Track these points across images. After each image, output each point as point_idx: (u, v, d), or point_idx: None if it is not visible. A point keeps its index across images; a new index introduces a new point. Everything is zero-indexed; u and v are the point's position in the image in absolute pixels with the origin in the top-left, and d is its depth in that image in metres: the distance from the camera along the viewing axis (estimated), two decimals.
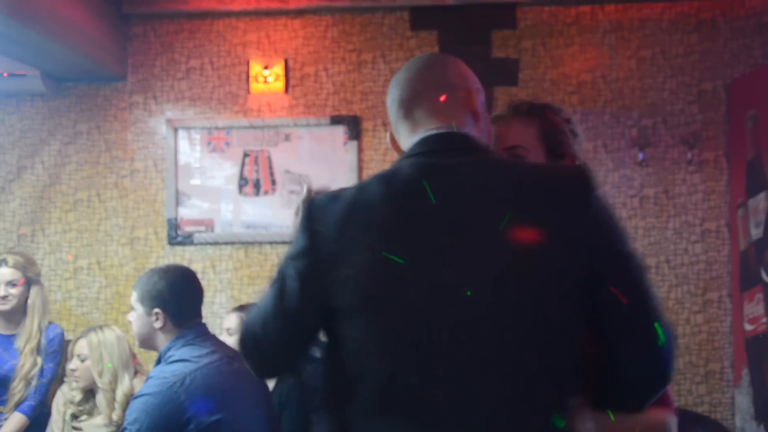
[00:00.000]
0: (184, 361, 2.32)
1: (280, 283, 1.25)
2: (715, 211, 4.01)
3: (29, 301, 3.33)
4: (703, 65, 4.03)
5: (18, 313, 3.32)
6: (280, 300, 1.24)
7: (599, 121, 4.07)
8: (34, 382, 3.30)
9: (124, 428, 2.33)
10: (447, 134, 1.31)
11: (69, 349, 3.21)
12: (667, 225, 4.04)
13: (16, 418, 3.26)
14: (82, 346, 3.14)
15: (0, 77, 4.03)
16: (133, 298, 2.49)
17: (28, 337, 3.28)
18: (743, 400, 3.89)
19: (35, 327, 3.30)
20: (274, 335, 1.26)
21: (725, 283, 4.00)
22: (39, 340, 3.30)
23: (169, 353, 2.39)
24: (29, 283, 3.35)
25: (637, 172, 4.05)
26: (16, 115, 4.22)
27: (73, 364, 3.16)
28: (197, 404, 2.22)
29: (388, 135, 1.43)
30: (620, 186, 4.05)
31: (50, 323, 3.40)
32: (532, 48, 4.11)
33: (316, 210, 1.26)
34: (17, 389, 3.29)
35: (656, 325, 1.18)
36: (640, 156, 4.03)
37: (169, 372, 2.29)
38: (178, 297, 2.44)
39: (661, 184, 4.03)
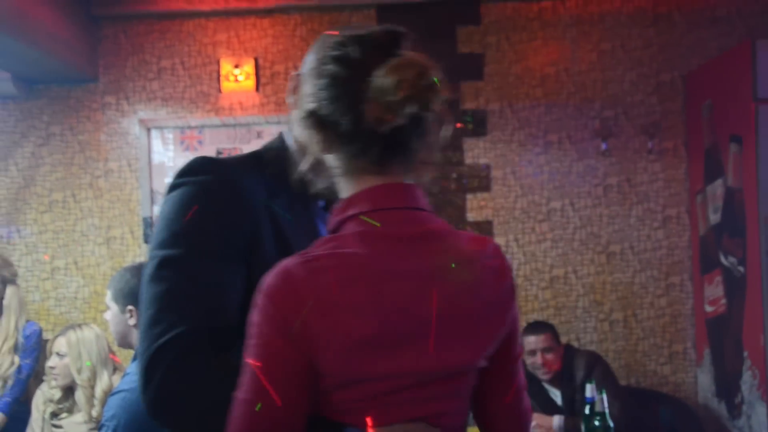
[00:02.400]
0: None
1: None
2: (676, 198, 4.15)
3: (5, 302, 3.38)
4: (661, 57, 4.16)
5: None
6: None
7: (563, 113, 4.18)
8: (10, 382, 3.34)
9: (102, 425, 2.39)
10: None
11: (48, 347, 3.26)
12: (630, 212, 4.17)
13: None
14: (61, 344, 3.19)
15: None
16: (108, 296, 2.56)
17: (5, 336, 3.33)
18: (705, 378, 4.03)
19: (12, 326, 3.35)
20: None
21: (686, 267, 4.14)
22: (16, 339, 3.35)
23: None
24: (4, 283, 3.39)
25: (600, 162, 4.17)
26: None
27: (52, 361, 3.21)
28: None
29: None
30: (585, 175, 4.17)
31: (27, 321, 3.44)
32: (497, 43, 4.21)
33: None
34: None
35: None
36: (603, 146, 4.15)
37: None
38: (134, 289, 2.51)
39: (624, 173, 4.16)
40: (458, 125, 4.17)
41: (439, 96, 1.06)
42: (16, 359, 3.35)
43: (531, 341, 3.49)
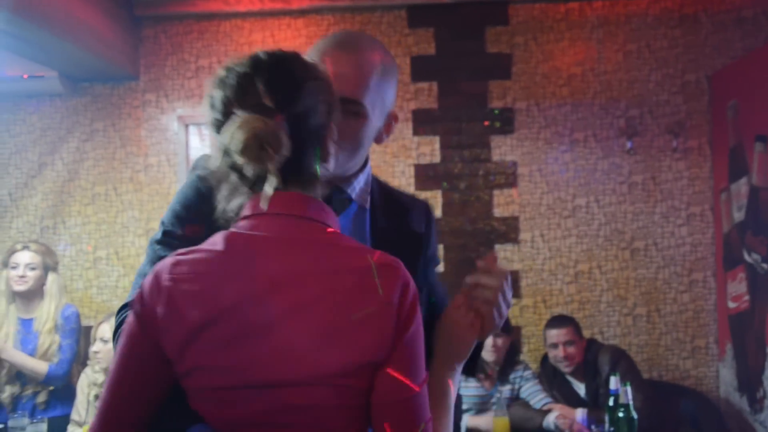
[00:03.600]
0: None
1: None
2: (700, 195, 4.22)
3: (46, 287, 3.58)
4: (687, 57, 4.23)
5: (36, 297, 3.56)
6: None
7: (589, 112, 4.27)
8: (55, 359, 3.53)
9: None
10: None
11: (92, 333, 3.45)
12: (654, 210, 4.24)
13: (40, 363, 3.48)
14: (104, 330, 3.37)
15: (20, 79, 4.25)
16: None
17: (46, 318, 3.53)
18: (727, 373, 4.10)
19: (52, 310, 3.55)
20: None
21: (710, 264, 4.21)
22: (56, 322, 3.55)
23: None
24: (47, 269, 3.59)
25: (625, 160, 4.25)
26: (36, 114, 4.44)
27: (96, 346, 3.39)
28: None
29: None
30: (609, 173, 4.25)
31: (65, 304, 3.64)
32: (524, 43, 4.31)
33: None
34: None
35: None
36: (628, 145, 4.23)
37: None
38: None
39: (649, 171, 4.24)
40: (485, 123, 4.28)
41: (280, 141, 1.08)
42: (57, 338, 3.54)
43: (553, 334, 3.59)
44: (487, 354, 3.54)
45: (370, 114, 1.35)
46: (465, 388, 3.55)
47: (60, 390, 3.56)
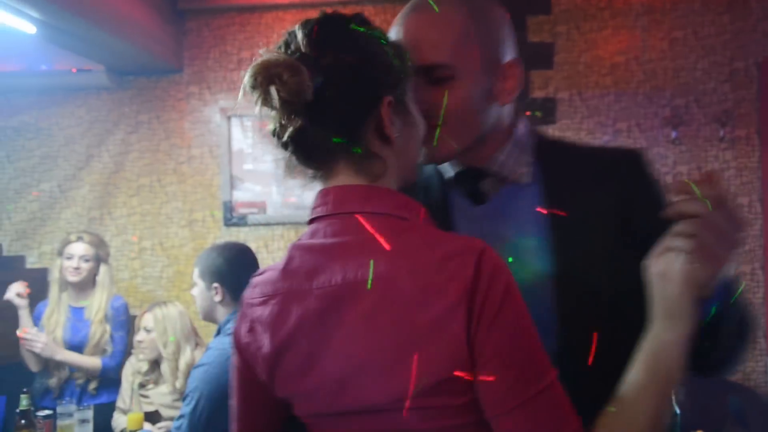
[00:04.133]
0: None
1: None
2: (748, 186, 4.12)
3: (98, 278, 3.66)
4: (735, 44, 4.11)
5: (88, 287, 3.64)
6: None
7: (633, 101, 4.19)
8: (108, 349, 3.61)
9: (186, 395, 2.58)
10: None
11: (136, 322, 3.51)
12: None
13: (93, 360, 3.58)
14: (148, 320, 3.43)
15: (69, 73, 4.35)
16: (195, 274, 2.75)
17: (97, 308, 3.61)
18: None
19: (104, 300, 3.63)
20: None
21: (758, 256, 4.11)
22: (106, 312, 3.63)
23: (228, 325, 2.62)
24: (99, 261, 3.67)
25: (670, 150, 4.17)
26: (83, 107, 4.53)
27: (140, 336, 3.45)
28: None
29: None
30: (654, 164, 4.15)
31: (114, 295, 3.72)
32: (567, 32, 4.25)
33: None
34: (89, 355, 3.62)
35: None
36: (673, 134, 4.14)
37: (227, 343, 2.51)
38: (235, 272, 2.68)
39: (694, 161, 4.15)
40: (527, 113, 4.24)
41: (297, 79, 0.95)
42: (108, 328, 3.62)
43: None
44: None
45: (462, 74, 1.13)
46: None
47: (106, 378, 3.64)
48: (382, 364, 0.94)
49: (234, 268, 2.69)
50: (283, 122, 0.98)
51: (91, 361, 3.56)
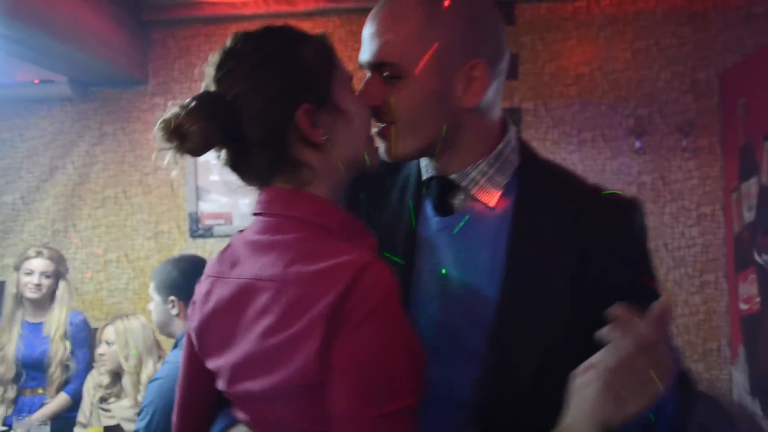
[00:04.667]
0: None
1: None
2: (710, 195, 4.15)
3: (58, 293, 3.62)
4: (697, 55, 4.16)
5: (45, 302, 3.60)
6: None
7: (597, 111, 4.22)
8: (72, 365, 3.57)
9: (141, 409, 2.57)
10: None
11: (98, 335, 3.48)
12: (664, 210, 4.18)
13: (61, 398, 3.55)
14: (109, 333, 3.40)
15: (31, 84, 4.32)
16: (151, 287, 2.73)
17: (57, 325, 3.57)
18: (740, 376, 4.03)
19: (63, 316, 3.59)
20: None
21: (721, 265, 4.14)
22: (65, 328, 3.59)
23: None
24: (59, 276, 3.63)
25: (634, 160, 4.19)
26: (47, 119, 4.50)
27: (101, 349, 3.43)
28: None
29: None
30: (618, 173, 4.20)
31: (72, 311, 3.68)
32: (531, 43, 4.27)
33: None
34: (56, 375, 3.58)
35: None
36: (637, 144, 4.17)
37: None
38: (191, 284, 2.66)
39: (658, 170, 4.18)
40: None
41: (195, 125, 1.02)
42: (68, 344, 3.58)
43: None
44: None
45: (411, 74, 1.10)
46: None
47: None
48: (262, 359, 1.00)
49: (190, 281, 2.65)
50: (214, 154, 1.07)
51: (60, 403, 3.52)
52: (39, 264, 3.57)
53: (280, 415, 1.01)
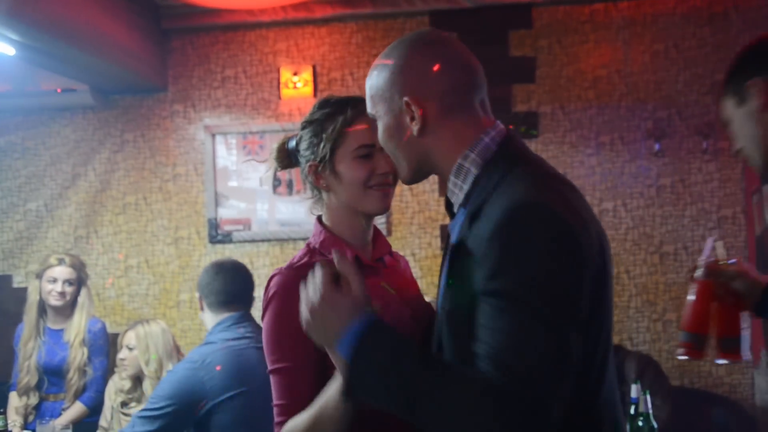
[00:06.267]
0: (210, 344, 2.62)
1: (561, 340, 1.08)
2: (731, 198, 4.11)
3: (79, 300, 3.66)
4: (716, 57, 4.12)
5: (67, 309, 3.64)
6: (563, 360, 1.09)
7: (615, 114, 4.20)
8: (89, 371, 3.61)
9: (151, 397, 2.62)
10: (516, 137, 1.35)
11: (119, 340, 3.51)
12: (683, 213, 4.15)
13: (77, 407, 3.58)
14: (130, 338, 3.44)
15: (54, 93, 4.39)
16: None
17: (77, 331, 3.60)
18: (762, 380, 3.99)
19: (83, 322, 3.62)
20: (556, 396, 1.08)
21: None
22: (84, 335, 3.62)
23: (209, 336, 2.70)
24: (81, 283, 3.67)
25: (653, 163, 4.17)
26: (69, 127, 4.57)
27: (122, 353, 3.46)
28: (215, 382, 2.49)
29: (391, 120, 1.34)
30: (637, 176, 4.18)
31: (91, 318, 3.71)
32: (548, 46, 4.27)
33: (581, 239, 1.15)
34: (73, 380, 3.61)
35: None
36: (656, 147, 4.15)
37: (197, 354, 2.61)
38: (210, 286, 2.75)
39: (677, 173, 4.15)
40: (510, 127, 4.24)
41: (279, 155, 1.64)
42: (86, 351, 3.61)
43: None
44: None
45: (378, 118, 1.36)
46: None
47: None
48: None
49: (210, 282, 2.78)
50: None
51: (76, 412, 3.56)
52: (62, 272, 3.61)
53: None
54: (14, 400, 3.60)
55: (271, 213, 4.39)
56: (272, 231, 4.38)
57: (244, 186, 4.42)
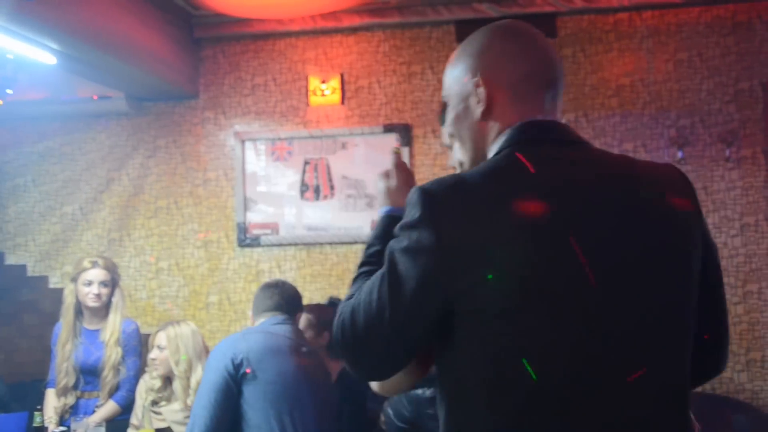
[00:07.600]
0: (249, 328, 2.95)
1: (392, 281, 1.15)
2: (754, 206, 4.13)
3: (114, 300, 3.76)
4: (740, 65, 4.15)
5: (102, 310, 3.75)
6: (392, 300, 1.15)
7: (638, 122, 4.24)
8: (122, 370, 3.72)
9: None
10: (561, 125, 1.29)
11: (150, 340, 3.61)
12: (706, 220, 4.16)
13: (110, 406, 3.68)
14: (161, 338, 3.54)
15: (90, 100, 4.53)
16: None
17: (112, 331, 3.70)
18: None
19: (118, 322, 3.72)
20: (380, 337, 1.17)
21: (765, 275, 4.12)
22: (119, 335, 3.73)
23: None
24: (114, 284, 3.78)
25: None
26: (104, 133, 4.71)
27: (153, 353, 3.56)
28: (252, 347, 2.74)
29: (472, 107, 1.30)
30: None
31: (125, 318, 3.82)
32: (573, 55, 4.32)
33: (439, 203, 1.14)
34: (108, 378, 3.71)
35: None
36: (679, 155, 4.18)
37: (223, 344, 2.84)
38: (257, 299, 3.04)
39: (700, 181, 4.17)
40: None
41: None
42: (120, 350, 3.72)
43: None
44: None
45: (449, 99, 1.35)
46: None
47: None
48: None
49: (255, 296, 3.09)
50: None
51: (109, 410, 3.64)
52: (97, 274, 3.71)
53: None
54: (51, 398, 3.71)
55: (298, 217, 4.49)
56: (299, 235, 4.47)
57: (272, 191, 4.53)
